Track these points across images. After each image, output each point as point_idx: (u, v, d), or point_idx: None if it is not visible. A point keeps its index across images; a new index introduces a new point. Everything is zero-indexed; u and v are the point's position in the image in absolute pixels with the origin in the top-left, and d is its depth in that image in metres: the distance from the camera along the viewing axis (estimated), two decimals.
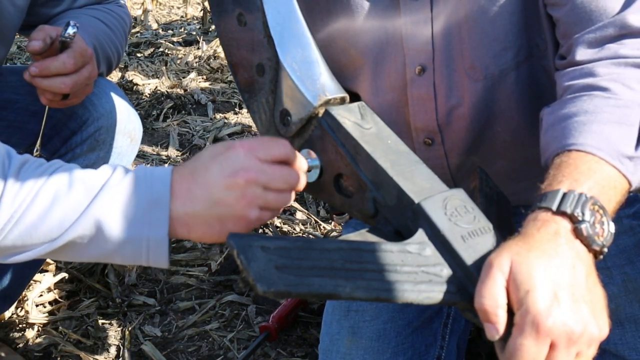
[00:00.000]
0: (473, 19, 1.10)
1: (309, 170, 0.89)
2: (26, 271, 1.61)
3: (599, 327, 0.77)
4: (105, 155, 1.47)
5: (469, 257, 0.76)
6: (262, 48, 0.91)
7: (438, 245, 0.76)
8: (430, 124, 1.20)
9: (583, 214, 0.81)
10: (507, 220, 0.95)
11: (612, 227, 0.83)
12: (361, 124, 0.87)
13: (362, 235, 0.80)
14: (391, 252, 0.74)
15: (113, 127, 1.46)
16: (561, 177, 0.85)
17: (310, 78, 0.88)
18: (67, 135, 1.45)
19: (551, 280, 0.75)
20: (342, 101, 0.89)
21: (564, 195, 0.82)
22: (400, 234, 0.81)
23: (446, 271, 0.75)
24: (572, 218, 0.81)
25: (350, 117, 0.87)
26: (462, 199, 0.81)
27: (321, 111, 0.88)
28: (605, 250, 0.83)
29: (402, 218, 0.81)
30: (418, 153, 1.23)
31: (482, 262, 0.75)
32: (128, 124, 1.49)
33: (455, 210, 0.79)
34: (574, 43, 1.03)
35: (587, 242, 0.81)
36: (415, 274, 0.73)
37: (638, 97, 0.95)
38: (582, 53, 1.01)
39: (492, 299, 0.74)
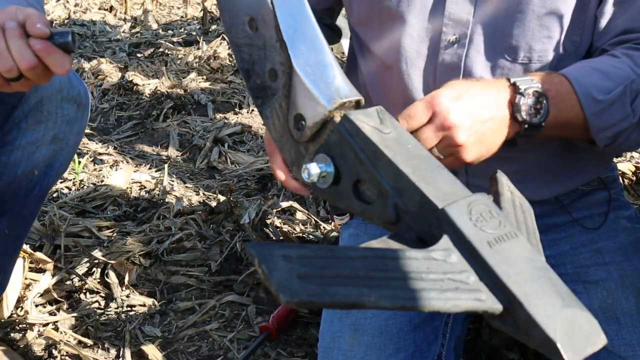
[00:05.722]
0: (530, 2, 1.13)
1: (323, 177, 0.88)
2: (9, 244, 1.56)
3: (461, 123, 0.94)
4: (53, 125, 1.42)
5: (496, 263, 0.74)
6: (274, 52, 0.90)
7: (464, 251, 0.75)
8: None
9: (526, 91, 0.98)
10: (531, 224, 0.94)
11: (541, 124, 1.00)
12: (380, 128, 0.85)
13: (385, 242, 0.79)
14: (416, 260, 0.72)
15: (56, 95, 1.40)
16: (534, 76, 1.03)
17: (325, 81, 0.87)
18: (7, 111, 1.40)
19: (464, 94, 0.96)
20: (357, 104, 0.88)
21: (527, 80, 1.00)
22: (422, 241, 0.80)
23: (473, 278, 0.74)
24: (515, 87, 0.99)
25: (369, 122, 0.85)
26: (487, 203, 0.79)
27: (336, 114, 0.86)
28: (526, 126, 0.99)
29: (425, 224, 0.79)
30: None
31: (509, 269, 0.74)
32: (71, 90, 1.42)
33: (481, 216, 0.77)
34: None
35: (514, 109, 0.98)
36: (442, 282, 0.71)
37: (633, 68, 1.07)
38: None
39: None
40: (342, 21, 1.75)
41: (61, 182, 2.45)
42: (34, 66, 1.07)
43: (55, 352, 1.66)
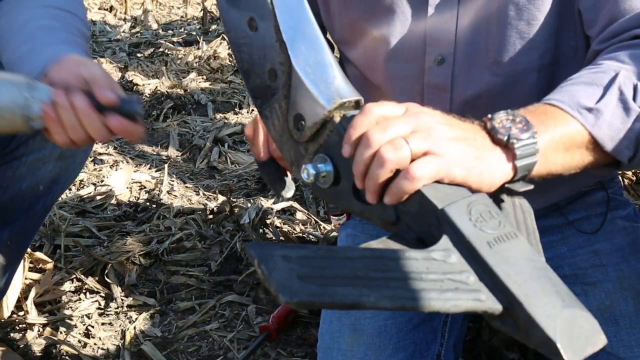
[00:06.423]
0: (506, 15, 1.11)
1: (322, 177, 0.88)
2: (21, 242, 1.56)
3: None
4: None
5: (496, 263, 0.74)
6: (274, 52, 0.90)
7: (463, 251, 0.74)
8: None
9: (494, 116, 0.84)
10: (531, 225, 0.94)
11: (530, 140, 0.83)
12: None
13: (385, 242, 0.79)
14: (416, 260, 0.72)
15: None
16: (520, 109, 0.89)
17: (324, 81, 0.87)
18: None
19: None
20: (357, 104, 0.88)
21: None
22: (422, 241, 0.79)
23: (472, 278, 0.74)
24: (485, 122, 0.84)
25: None
26: (486, 204, 0.79)
27: (336, 115, 0.86)
28: (516, 147, 0.82)
29: (425, 224, 0.79)
30: None
31: (509, 269, 0.74)
32: None
33: (480, 216, 0.77)
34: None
35: (492, 132, 0.83)
36: (441, 282, 0.71)
37: (618, 66, 0.96)
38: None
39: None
40: None
41: None
42: (107, 138, 1.06)
43: (55, 352, 1.66)
